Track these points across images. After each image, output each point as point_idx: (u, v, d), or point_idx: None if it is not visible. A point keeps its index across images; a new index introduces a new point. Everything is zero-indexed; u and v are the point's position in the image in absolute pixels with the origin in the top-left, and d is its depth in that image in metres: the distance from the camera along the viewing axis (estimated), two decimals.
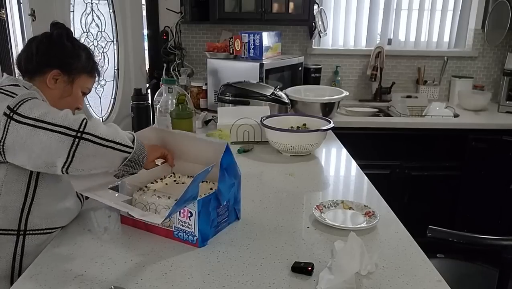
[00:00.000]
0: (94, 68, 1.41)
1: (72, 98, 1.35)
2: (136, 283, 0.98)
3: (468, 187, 2.79)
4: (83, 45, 1.41)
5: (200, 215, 1.12)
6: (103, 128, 1.13)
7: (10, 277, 1.18)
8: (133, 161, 1.17)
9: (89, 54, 1.40)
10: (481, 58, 3.27)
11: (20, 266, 1.19)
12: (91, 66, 1.40)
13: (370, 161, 2.48)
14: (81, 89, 1.38)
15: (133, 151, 1.16)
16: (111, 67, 2.72)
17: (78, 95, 1.37)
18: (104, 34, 2.60)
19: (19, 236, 1.18)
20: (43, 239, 1.20)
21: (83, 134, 1.08)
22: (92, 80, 1.43)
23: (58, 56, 1.31)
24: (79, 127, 1.09)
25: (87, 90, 1.42)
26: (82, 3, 2.38)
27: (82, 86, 1.38)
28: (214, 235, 1.19)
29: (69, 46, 1.34)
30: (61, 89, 1.32)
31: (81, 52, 1.36)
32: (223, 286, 0.98)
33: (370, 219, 1.28)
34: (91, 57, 1.41)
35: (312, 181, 1.69)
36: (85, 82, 1.39)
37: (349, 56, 3.24)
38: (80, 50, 1.36)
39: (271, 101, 2.25)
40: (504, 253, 1.33)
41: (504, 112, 2.95)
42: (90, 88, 1.43)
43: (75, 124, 1.09)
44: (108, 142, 1.11)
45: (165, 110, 2.03)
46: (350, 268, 0.98)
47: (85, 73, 1.37)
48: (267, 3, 2.78)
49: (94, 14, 2.50)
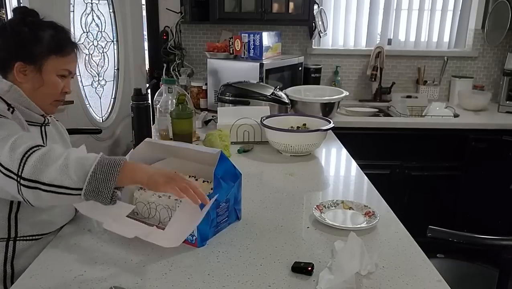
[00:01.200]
0: (64, 45, 1.24)
1: (47, 87, 1.23)
2: (136, 283, 0.98)
3: (468, 187, 2.79)
4: (46, 24, 1.24)
5: None
6: (46, 166, 0.97)
7: (3, 282, 1.17)
8: (92, 198, 0.98)
9: (54, 31, 1.23)
10: (481, 58, 3.27)
11: (12, 270, 1.17)
12: (59, 44, 1.22)
13: (370, 161, 2.48)
14: (55, 73, 1.23)
15: (82, 193, 0.97)
16: (111, 67, 2.72)
17: (53, 82, 1.23)
18: (104, 34, 2.60)
19: (9, 242, 1.16)
20: (34, 244, 1.18)
21: (21, 180, 0.97)
22: (67, 59, 1.25)
23: (15, 46, 1.18)
24: (18, 170, 0.97)
25: (65, 72, 1.26)
26: (82, 3, 2.38)
27: (55, 70, 1.23)
28: (214, 235, 1.19)
29: (26, 32, 1.19)
30: (31, 81, 1.20)
31: (41, 34, 1.20)
32: (223, 286, 0.98)
33: (370, 219, 1.28)
34: (57, 34, 1.23)
35: (312, 181, 1.69)
36: (57, 65, 1.23)
37: (349, 56, 3.24)
38: (40, 31, 1.20)
39: (271, 101, 2.25)
40: (504, 253, 1.33)
41: (504, 112, 2.95)
42: (68, 68, 1.26)
43: (15, 165, 0.97)
44: (49, 186, 0.97)
45: (165, 110, 2.02)
46: (350, 268, 0.98)
47: (53, 54, 1.21)
48: (267, 3, 2.78)
49: (94, 14, 2.50)
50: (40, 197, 0.98)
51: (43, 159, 0.98)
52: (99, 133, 2.37)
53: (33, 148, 1.00)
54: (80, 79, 2.36)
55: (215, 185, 1.15)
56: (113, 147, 2.66)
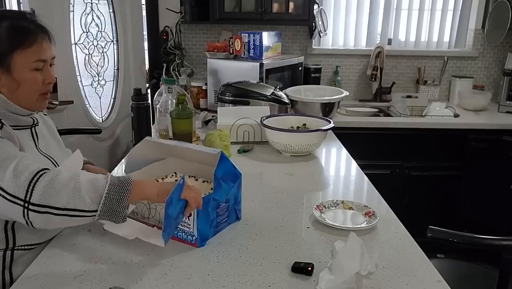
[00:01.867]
0: (25, 34, 1.11)
1: (25, 86, 1.14)
2: (136, 283, 0.98)
3: (468, 187, 2.79)
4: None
5: (199, 215, 1.12)
6: (56, 191, 0.96)
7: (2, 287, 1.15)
8: (106, 218, 0.99)
9: (10, 22, 1.11)
10: (481, 58, 3.27)
11: (11, 278, 1.14)
12: (19, 35, 1.11)
13: (370, 161, 2.48)
14: (28, 68, 1.13)
15: (97, 214, 0.98)
16: (111, 67, 2.72)
17: (29, 79, 1.14)
18: (104, 34, 2.60)
19: (7, 251, 1.13)
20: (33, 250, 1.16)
21: (29, 206, 0.95)
22: (35, 49, 1.13)
23: None
24: (25, 195, 0.95)
25: (38, 64, 1.15)
26: (82, 3, 2.38)
27: (26, 65, 1.12)
28: (214, 235, 1.19)
29: None
30: (5, 84, 1.12)
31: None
32: (223, 286, 0.98)
33: (370, 219, 1.28)
34: (14, 24, 1.11)
35: (312, 181, 1.69)
36: (26, 59, 1.12)
37: (349, 56, 3.24)
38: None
39: (271, 101, 2.25)
40: (504, 253, 1.33)
41: (504, 112, 2.95)
42: (40, 58, 1.14)
43: (21, 191, 0.95)
44: (61, 210, 0.96)
45: (165, 110, 2.02)
46: (350, 268, 0.98)
47: (16, 49, 1.10)
48: (267, 3, 2.78)
49: (94, 14, 2.50)
50: (50, 221, 0.97)
51: (52, 184, 0.96)
52: (99, 133, 2.37)
53: (39, 173, 0.98)
54: (80, 79, 2.36)
55: (215, 186, 1.15)
56: (113, 147, 2.66)
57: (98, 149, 2.49)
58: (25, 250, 1.15)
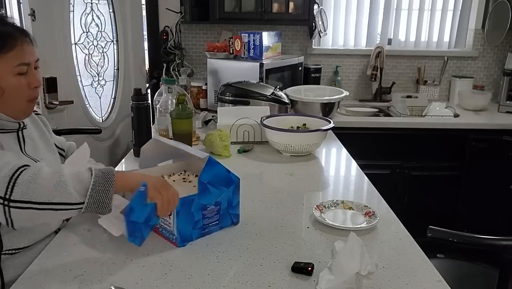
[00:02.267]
0: (4, 41, 1.06)
1: (10, 93, 1.10)
2: (136, 283, 0.98)
3: (468, 187, 2.79)
4: None
5: (179, 214, 1.10)
6: (40, 186, 0.94)
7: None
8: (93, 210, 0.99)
9: None
10: (481, 58, 3.27)
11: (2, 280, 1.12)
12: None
13: (370, 161, 2.48)
14: (10, 73, 1.08)
15: (84, 206, 0.97)
16: (111, 67, 2.72)
17: (13, 85, 1.10)
18: (104, 34, 2.60)
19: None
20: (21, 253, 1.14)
21: (10, 203, 0.92)
22: (15, 53, 1.08)
23: None
24: (5, 192, 0.92)
25: (21, 69, 1.10)
26: (82, 3, 2.38)
27: (8, 70, 1.08)
28: (200, 237, 1.17)
29: None
30: None
31: None
32: (223, 286, 0.98)
33: (370, 219, 1.28)
34: None
35: (312, 181, 1.69)
36: (8, 63, 1.08)
37: (349, 56, 3.24)
38: None
39: (271, 101, 2.25)
40: (504, 253, 1.33)
41: (504, 112, 2.95)
42: (23, 62, 1.10)
43: (1, 188, 0.92)
44: (46, 205, 0.94)
45: (165, 110, 2.02)
46: (350, 268, 0.98)
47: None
48: (267, 3, 2.78)
49: (94, 14, 2.50)
50: (35, 217, 0.97)
51: (35, 179, 0.95)
52: (99, 133, 2.37)
53: (20, 169, 0.96)
54: (80, 79, 2.36)
55: (200, 190, 1.13)
56: (113, 147, 2.66)
57: (98, 149, 2.48)
58: (12, 254, 1.13)
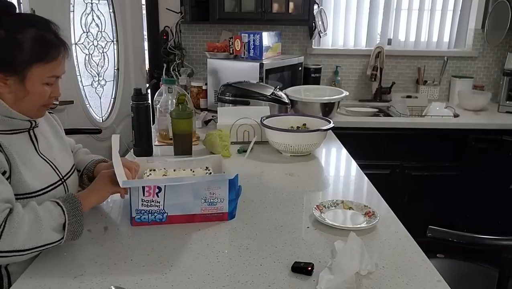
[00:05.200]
0: (48, 48, 1.11)
1: (33, 97, 1.13)
2: (136, 283, 0.98)
3: (468, 187, 2.79)
4: (26, 22, 1.10)
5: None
6: (22, 235, 0.98)
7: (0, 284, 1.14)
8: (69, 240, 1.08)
9: (36, 32, 1.09)
10: (481, 58, 3.27)
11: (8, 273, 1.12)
12: (43, 49, 1.10)
13: (370, 161, 2.48)
14: (40, 81, 1.11)
15: (63, 241, 1.06)
16: (111, 67, 2.72)
17: (39, 91, 1.13)
18: (104, 34, 2.60)
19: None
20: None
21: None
22: (53, 65, 1.12)
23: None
24: None
25: (51, 80, 1.14)
26: (82, 3, 2.38)
27: (41, 79, 1.11)
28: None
29: (2, 36, 1.05)
30: (14, 91, 1.10)
31: (21, 38, 1.06)
32: (223, 286, 0.98)
33: (370, 219, 1.28)
34: (40, 35, 1.09)
35: (312, 181, 1.69)
36: (43, 73, 1.11)
37: (349, 56, 3.24)
38: (18, 34, 1.06)
39: (271, 101, 2.25)
40: (504, 253, 1.33)
41: (504, 112, 2.95)
42: (55, 74, 1.15)
43: None
44: (29, 250, 1.00)
45: (165, 110, 2.02)
46: (350, 268, 0.98)
47: (36, 62, 1.09)
48: (267, 3, 2.78)
49: (94, 14, 2.50)
50: (18, 259, 1.01)
51: (17, 229, 0.98)
52: (99, 133, 2.37)
53: (4, 221, 0.98)
54: (80, 79, 2.37)
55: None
56: None
57: (98, 149, 2.48)
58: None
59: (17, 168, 1.10)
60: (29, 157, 1.17)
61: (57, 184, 1.22)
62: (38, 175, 1.17)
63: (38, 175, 1.16)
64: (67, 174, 1.29)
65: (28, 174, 1.13)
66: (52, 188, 1.20)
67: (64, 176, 1.27)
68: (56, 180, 1.23)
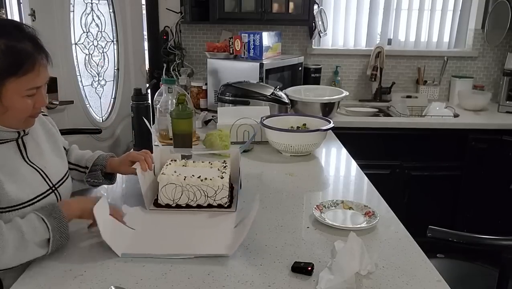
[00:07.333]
0: (22, 60, 1.00)
1: (14, 112, 1.05)
2: (136, 283, 0.98)
3: (468, 187, 2.79)
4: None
5: None
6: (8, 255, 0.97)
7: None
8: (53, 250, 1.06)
9: (6, 42, 0.99)
10: (481, 58, 3.27)
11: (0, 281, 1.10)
12: (15, 61, 0.99)
13: (370, 161, 2.48)
14: (19, 95, 1.02)
15: (48, 253, 1.05)
16: (111, 67, 2.72)
17: (19, 106, 1.04)
18: (104, 34, 2.60)
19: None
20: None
21: None
22: (30, 77, 1.02)
23: None
24: None
25: (32, 92, 1.04)
26: (82, 3, 2.38)
27: (18, 92, 1.02)
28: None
29: None
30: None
31: None
32: (223, 286, 0.98)
33: (370, 219, 1.28)
34: (10, 46, 0.99)
35: (312, 181, 1.69)
36: (19, 86, 1.01)
37: (349, 56, 3.24)
38: None
39: (271, 101, 2.25)
40: (504, 253, 1.33)
41: (504, 112, 2.95)
42: (35, 86, 1.04)
43: None
44: (16, 267, 1.01)
45: (165, 110, 2.02)
46: (350, 268, 0.98)
47: (10, 77, 0.99)
48: (267, 3, 2.78)
49: (94, 14, 2.50)
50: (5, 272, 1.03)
51: (3, 250, 0.97)
52: (99, 133, 2.37)
53: None
54: (80, 79, 2.36)
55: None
56: (113, 147, 2.66)
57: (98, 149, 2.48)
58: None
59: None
60: (15, 167, 1.12)
61: (46, 194, 1.17)
62: (25, 186, 1.11)
63: (24, 186, 1.11)
64: (59, 182, 1.23)
65: (13, 185, 1.07)
66: (41, 198, 1.14)
67: (55, 184, 1.21)
68: (46, 190, 1.17)
